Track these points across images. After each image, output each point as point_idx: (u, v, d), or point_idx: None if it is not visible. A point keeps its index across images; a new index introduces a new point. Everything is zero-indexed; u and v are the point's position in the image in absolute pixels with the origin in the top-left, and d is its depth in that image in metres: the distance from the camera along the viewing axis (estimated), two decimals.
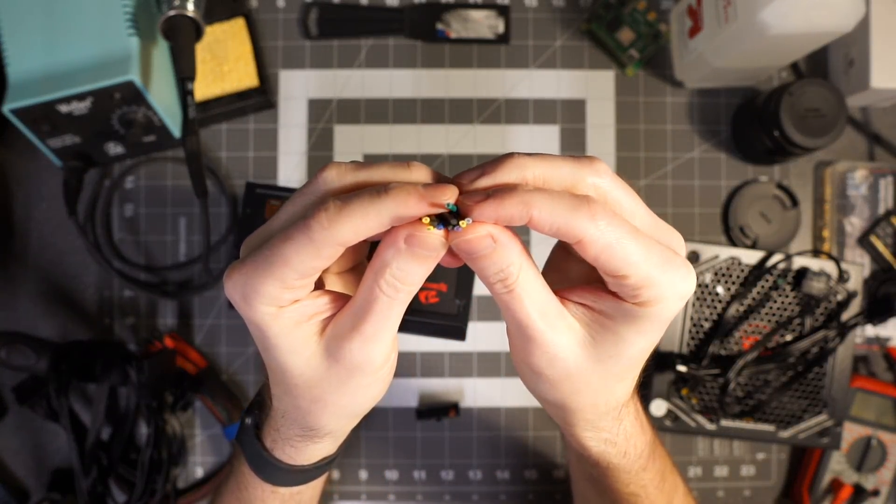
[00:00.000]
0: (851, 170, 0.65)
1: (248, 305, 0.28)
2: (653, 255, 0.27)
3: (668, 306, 0.28)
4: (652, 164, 0.66)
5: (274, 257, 0.27)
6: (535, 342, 0.29)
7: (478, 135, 0.66)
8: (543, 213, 0.26)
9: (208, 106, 0.63)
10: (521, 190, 0.26)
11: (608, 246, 0.26)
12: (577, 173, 0.27)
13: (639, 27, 0.65)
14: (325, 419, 0.33)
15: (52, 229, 0.65)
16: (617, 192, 0.28)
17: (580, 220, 0.26)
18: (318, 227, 0.26)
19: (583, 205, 0.26)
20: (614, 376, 0.31)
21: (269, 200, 0.45)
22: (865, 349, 0.66)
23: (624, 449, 0.37)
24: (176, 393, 0.62)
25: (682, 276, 0.28)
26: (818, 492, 0.63)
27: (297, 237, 0.26)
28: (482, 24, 0.65)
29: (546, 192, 0.26)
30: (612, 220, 0.26)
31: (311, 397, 0.32)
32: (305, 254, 0.26)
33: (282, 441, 0.36)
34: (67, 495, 0.63)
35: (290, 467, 0.37)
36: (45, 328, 0.65)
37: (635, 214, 0.28)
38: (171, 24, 0.55)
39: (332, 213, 0.26)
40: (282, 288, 0.27)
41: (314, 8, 0.65)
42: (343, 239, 0.26)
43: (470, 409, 0.65)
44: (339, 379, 0.30)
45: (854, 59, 0.63)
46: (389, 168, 0.27)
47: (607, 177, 0.28)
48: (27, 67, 0.55)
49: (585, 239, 0.26)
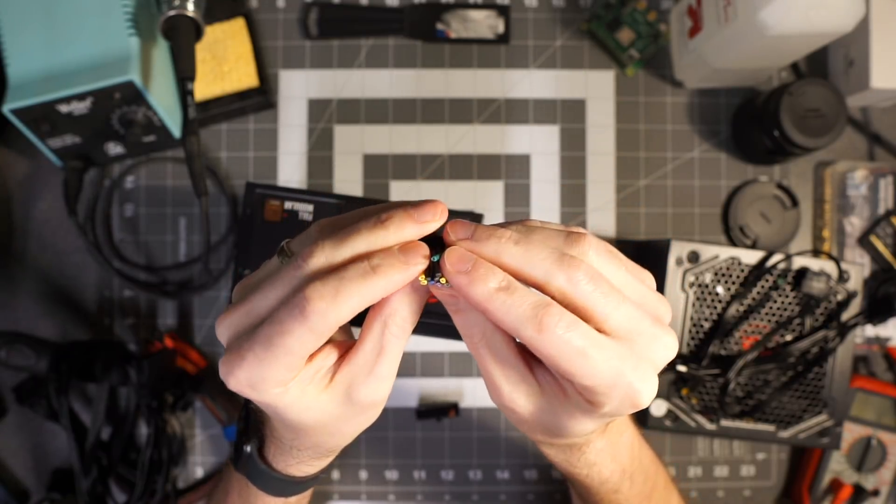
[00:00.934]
0: (851, 170, 0.65)
1: (258, 393, 0.29)
2: (601, 371, 0.27)
3: (617, 410, 0.29)
4: (652, 164, 0.66)
5: (276, 349, 0.28)
6: (496, 392, 0.31)
7: (478, 135, 0.66)
8: (497, 313, 0.27)
9: (208, 106, 0.63)
10: (485, 285, 0.27)
11: (551, 356, 0.27)
12: (551, 273, 0.27)
13: (639, 27, 0.65)
14: (341, 442, 0.36)
15: (52, 229, 0.65)
16: (593, 296, 0.28)
17: (527, 329, 0.27)
18: (316, 317, 0.27)
19: (534, 318, 0.27)
20: (566, 435, 0.33)
21: (268, 200, 0.45)
22: (865, 349, 0.66)
23: (585, 472, 0.40)
24: (176, 393, 0.62)
25: (634, 391, 0.28)
26: (818, 492, 0.63)
27: (295, 329, 0.27)
28: (482, 24, 0.65)
29: (507, 295, 0.27)
30: (564, 333, 0.27)
31: (327, 432, 0.34)
32: (307, 340, 0.28)
33: (296, 462, 0.38)
34: (67, 495, 0.63)
35: (303, 479, 0.40)
36: (45, 328, 0.65)
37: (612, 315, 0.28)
38: (171, 24, 0.55)
39: (329, 300, 0.27)
40: (287, 371, 0.29)
41: (314, 8, 0.65)
42: (341, 320, 0.27)
43: (470, 409, 0.65)
44: (354, 413, 0.32)
45: (854, 59, 0.63)
46: (369, 233, 0.28)
47: (583, 278, 0.27)
48: (27, 67, 0.55)
49: (526, 342, 0.27)
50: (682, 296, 0.57)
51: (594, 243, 0.29)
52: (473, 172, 0.66)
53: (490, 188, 0.65)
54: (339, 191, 0.65)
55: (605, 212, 0.66)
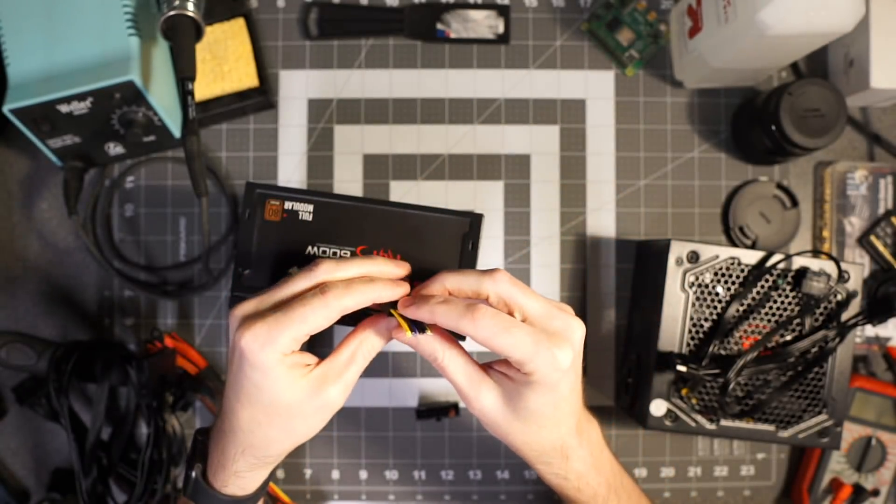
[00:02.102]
0: (851, 170, 0.65)
1: (262, 351, 0.37)
2: (523, 342, 0.38)
3: (548, 375, 0.39)
4: (652, 164, 0.66)
5: (294, 315, 0.37)
6: (466, 399, 0.42)
7: (477, 135, 0.66)
8: (441, 318, 0.38)
9: (208, 106, 0.63)
10: (433, 302, 0.39)
11: (486, 339, 0.38)
12: (478, 283, 0.39)
13: (639, 27, 0.65)
14: (282, 447, 0.42)
15: (52, 229, 0.65)
16: (511, 293, 0.39)
17: (464, 322, 0.38)
18: (332, 296, 0.38)
19: (467, 312, 0.38)
20: (534, 424, 0.42)
21: (268, 200, 0.45)
22: (865, 349, 0.66)
23: (577, 485, 0.47)
24: (176, 393, 0.62)
25: (553, 354, 0.38)
26: (818, 492, 0.63)
27: (315, 302, 0.38)
28: (482, 24, 0.65)
29: (445, 305, 0.38)
30: (490, 320, 0.37)
31: (283, 425, 0.41)
32: (319, 315, 0.38)
33: (233, 477, 0.43)
34: (67, 495, 0.63)
35: (241, 499, 0.44)
36: (45, 328, 0.65)
37: (526, 307, 0.39)
38: (171, 24, 0.55)
39: (342, 287, 0.38)
40: (293, 340, 0.38)
41: (314, 8, 0.65)
42: (347, 306, 0.38)
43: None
44: (314, 408, 0.40)
45: (854, 59, 0.63)
46: (361, 262, 0.41)
47: (503, 283, 0.39)
48: (27, 67, 0.55)
49: (468, 334, 0.38)
50: (682, 296, 0.57)
51: (505, 272, 0.40)
52: (473, 172, 0.66)
53: (490, 188, 0.66)
54: (339, 191, 0.65)
55: (605, 212, 0.66)
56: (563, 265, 0.66)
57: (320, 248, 0.45)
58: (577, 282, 0.65)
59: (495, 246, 0.65)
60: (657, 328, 0.57)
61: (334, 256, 0.45)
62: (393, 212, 0.45)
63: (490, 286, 0.39)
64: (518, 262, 0.65)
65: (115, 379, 0.59)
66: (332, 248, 0.45)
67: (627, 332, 0.65)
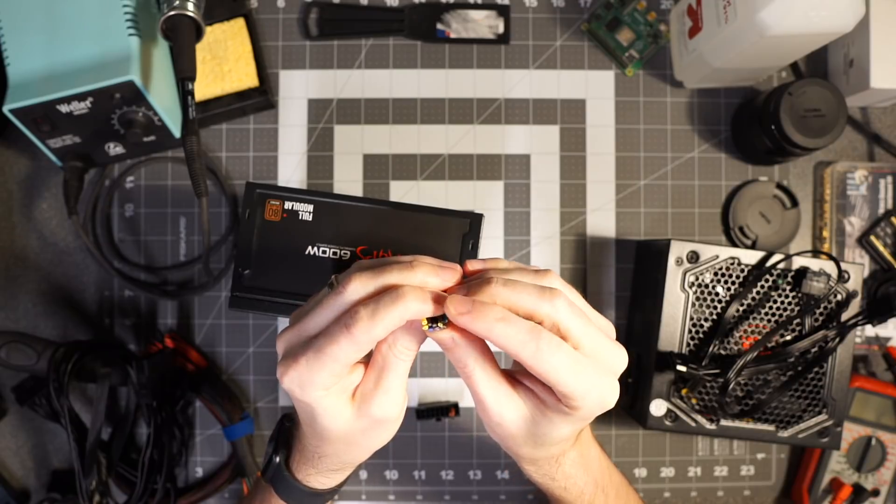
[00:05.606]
0: (851, 170, 0.66)
1: (304, 392, 0.36)
2: (581, 377, 0.34)
3: (591, 410, 0.36)
4: (652, 164, 0.66)
5: (324, 356, 0.35)
6: (486, 412, 0.38)
7: (478, 135, 0.66)
8: (500, 339, 0.34)
9: (208, 106, 0.63)
10: (491, 317, 0.34)
11: (545, 372, 0.34)
12: (536, 306, 0.35)
13: (639, 27, 0.65)
14: (359, 456, 0.43)
15: (52, 229, 0.65)
16: (570, 325, 0.35)
17: (527, 351, 0.33)
18: (360, 331, 0.34)
19: (530, 341, 0.33)
20: (548, 442, 0.40)
21: (269, 200, 0.45)
22: (865, 349, 0.66)
23: (563, 485, 0.46)
24: (176, 393, 0.62)
25: (601, 393, 0.36)
26: (818, 492, 0.63)
27: (342, 340, 0.34)
28: (482, 24, 0.65)
29: (505, 323, 0.33)
30: (557, 356, 0.34)
31: (347, 443, 0.40)
32: (350, 350, 0.35)
33: (317, 474, 0.44)
34: (67, 495, 0.63)
35: (320, 491, 0.45)
36: (45, 328, 0.65)
37: (582, 340, 0.35)
38: (171, 24, 0.55)
39: (368, 317, 0.34)
40: (331, 377, 0.36)
41: (314, 8, 0.65)
42: (378, 336, 0.34)
43: (470, 409, 0.65)
44: (369, 426, 0.39)
45: (854, 59, 0.63)
46: (398, 271, 0.36)
47: (563, 311, 0.35)
48: (27, 67, 0.55)
49: (523, 361, 0.34)
50: (681, 296, 0.57)
51: (558, 276, 0.37)
52: (473, 172, 0.66)
53: (490, 188, 0.66)
54: (339, 191, 0.65)
55: (605, 212, 0.66)
56: (563, 265, 0.66)
57: (320, 248, 0.45)
58: (577, 282, 0.65)
59: (495, 246, 0.65)
60: (657, 328, 0.57)
61: (335, 256, 0.45)
62: (393, 212, 0.45)
63: (548, 311, 0.35)
64: (518, 262, 0.65)
65: (115, 379, 0.59)
66: (332, 248, 0.45)
67: (627, 332, 0.65)
